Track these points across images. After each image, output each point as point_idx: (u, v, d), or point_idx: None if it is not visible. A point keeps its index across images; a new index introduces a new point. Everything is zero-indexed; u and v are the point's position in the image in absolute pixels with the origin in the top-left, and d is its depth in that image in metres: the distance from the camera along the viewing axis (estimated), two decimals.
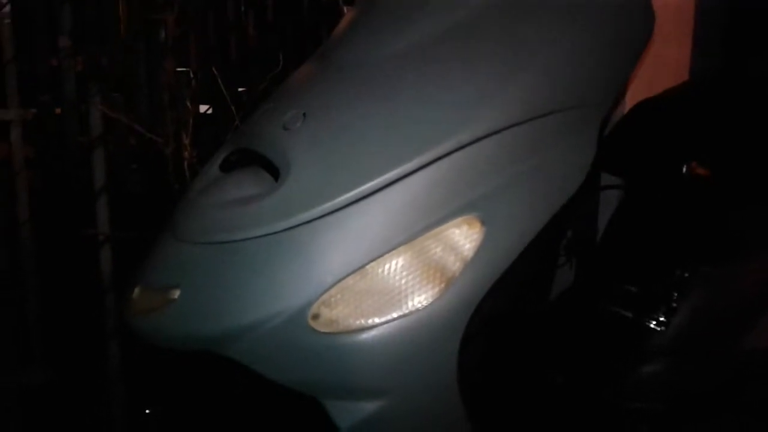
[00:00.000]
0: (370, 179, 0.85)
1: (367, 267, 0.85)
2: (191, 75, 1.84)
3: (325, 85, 0.98)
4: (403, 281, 0.85)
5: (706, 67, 1.74)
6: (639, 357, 1.16)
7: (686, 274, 1.16)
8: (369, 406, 0.85)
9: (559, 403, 1.18)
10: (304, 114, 0.93)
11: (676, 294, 1.15)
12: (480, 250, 0.86)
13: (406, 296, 0.84)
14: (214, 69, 1.83)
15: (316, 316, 0.84)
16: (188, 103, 1.81)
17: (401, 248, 0.85)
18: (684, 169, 1.22)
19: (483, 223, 0.87)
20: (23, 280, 1.75)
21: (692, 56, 1.76)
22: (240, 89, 1.94)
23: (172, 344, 0.90)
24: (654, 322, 1.15)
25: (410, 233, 0.85)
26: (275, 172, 0.91)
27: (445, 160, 0.86)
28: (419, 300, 0.84)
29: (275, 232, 0.85)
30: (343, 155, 0.88)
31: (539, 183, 0.90)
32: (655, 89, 1.34)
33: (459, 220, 0.86)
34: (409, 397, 0.86)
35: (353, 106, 0.93)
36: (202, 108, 1.89)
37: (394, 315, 0.84)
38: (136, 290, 0.92)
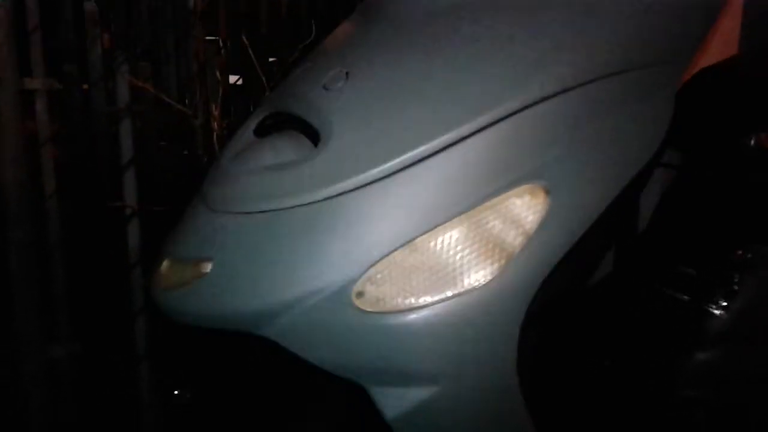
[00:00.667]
0: (421, 143, 0.78)
1: (417, 241, 0.77)
2: (221, 44, 1.79)
3: (370, 42, 0.90)
4: (458, 257, 0.77)
5: (756, 40, 1.65)
6: (697, 342, 1.09)
7: (749, 255, 1.09)
8: (419, 394, 0.78)
9: (613, 390, 1.11)
10: (346, 73, 0.85)
11: (737, 276, 1.08)
12: (544, 223, 0.78)
13: (461, 273, 0.77)
14: (244, 38, 1.78)
15: (360, 294, 0.77)
16: (218, 74, 1.76)
17: (455, 220, 0.77)
18: (752, 141, 1.15)
19: (548, 192, 0.79)
20: (49, 254, 1.72)
21: (742, 29, 1.67)
22: (271, 59, 1.87)
23: (203, 322, 0.83)
24: (713, 306, 1.08)
25: (466, 204, 0.77)
26: (315, 137, 0.84)
27: (506, 123, 0.78)
28: (476, 278, 0.77)
29: (315, 201, 0.79)
30: (390, 117, 0.81)
31: (611, 148, 0.81)
32: (706, 62, 1.25)
33: (521, 189, 0.78)
34: (463, 384, 0.79)
35: (401, 63, 0.85)
36: (232, 78, 1.84)
37: (448, 294, 0.77)
38: (165, 263, 0.86)
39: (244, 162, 0.87)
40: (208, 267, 0.81)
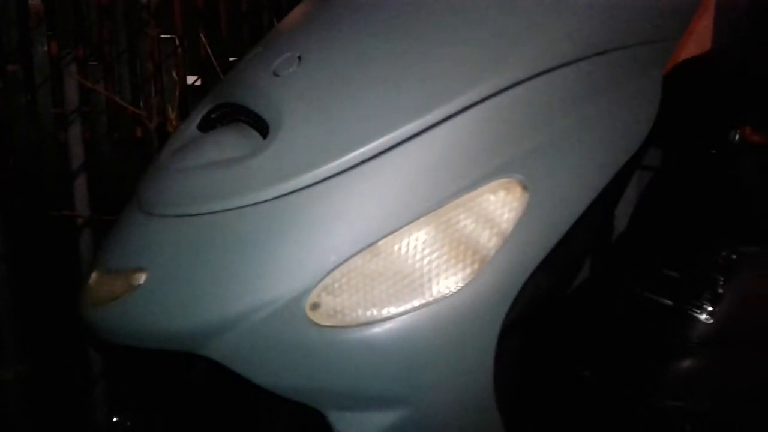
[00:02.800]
0: (382, 134, 0.69)
1: (380, 244, 0.69)
2: (177, 42, 1.71)
3: (325, 23, 0.82)
4: (426, 261, 0.69)
5: (728, 36, 1.62)
6: (682, 349, 1.04)
7: (733, 256, 1.04)
8: (382, 419, 0.69)
9: (595, 403, 1.05)
10: (299, 57, 0.77)
11: (722, 278, 1.03)
12: (522, 222, 0.70)
13: (430, 280, 0.69)
14: (202, 36, 1.69)
15: (315, 306, 0.68)
16: (174, 74, 1.68)
17: (422, 220, 0.69)
18: (736, 136, 1.10)
19: (525, 187, 0.71)
20: None
21: (714, 25, 1.65)
22: (231, 58, 1.79)
23: (136, 341, 0.74)
24: (697, 310, 1.03)
25: (434, 201, 0.69)
26: (264, 129, 0.75)
27: (477, 109, 0.70)
28: (446, 284, 0.69)
29: (263, 201, 0.70)
30: (347, 105, 0.73)
31: (596, 137, 0.74)
32: (680, 59, 1.21)
33: (495, 184, 0.70)
34: (433, 405, 0.70)
35: (361, 44, 0.77)
36: (190, 79, 1.76)
37: (415, 303, 0.68)
38: (94, 275, 0.77)
39: (184, 159, 0.78)
40: (141, 278, 0.72)
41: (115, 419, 0.88)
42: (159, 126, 1.64)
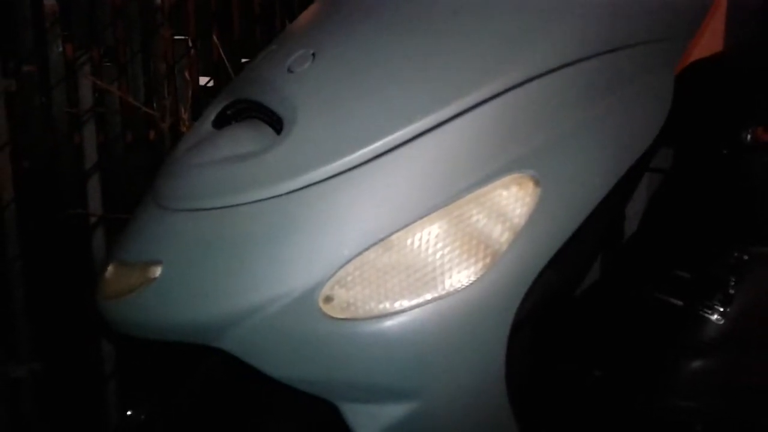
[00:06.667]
0: (396, 129, 0.70)
1: (393, 237, 0.69)
2: (190, 44, 1.72)
3: (339, 21, 0.82)
4: (438, 255, 0.69)
5: (741, 36, 1.62)
6: (693, 349, 1.04)
7: (745, 256, 1.03)
8: (396, 411, 0.70)
9: (606, 402, 1.05)
10: (313, 54, 0.77)
11: (733, 279, 1.02)
12: (534, 217, 0.70)
13: (442, 274, 0.69)
14: (215, 37, 1.70)
15: (328, 299, 0.69)
16: (187, 75, 1.69)
17: (435, 214, 0.69)
18: (747, 136, 1.10)
19: (537, 183, 0.71)
20: (8, 267, 1.62)
21: (726, 25, 1.64)
22: (244, 60, 1.80)
23: (151, 334, 0.75)
24: (709, 311, 1.03)
25: (446, 196, 0.70)
26: (279, 125, 0.76)
27: (490, 105, 0.70)
28: (458, 278, 0.69)
29: (278, 196, 0.70)
30: (361, 100, 0.73)
31: (607, 133, 0.74)
32: (692, 58, 1.21)
33: (507, 179, 0.71)
34: (445, 398, 0.70)
35: (374, 41, 0.77)
36: (202, 80, 1.77)
37: (427, 297, 0.68)
38: (110, 268, 0.77)
39: (199, 154, 0.78)
40: (156, 271, 0.72)
41: (129, 413, 0.88)
42: (172, 126, 1.65)
